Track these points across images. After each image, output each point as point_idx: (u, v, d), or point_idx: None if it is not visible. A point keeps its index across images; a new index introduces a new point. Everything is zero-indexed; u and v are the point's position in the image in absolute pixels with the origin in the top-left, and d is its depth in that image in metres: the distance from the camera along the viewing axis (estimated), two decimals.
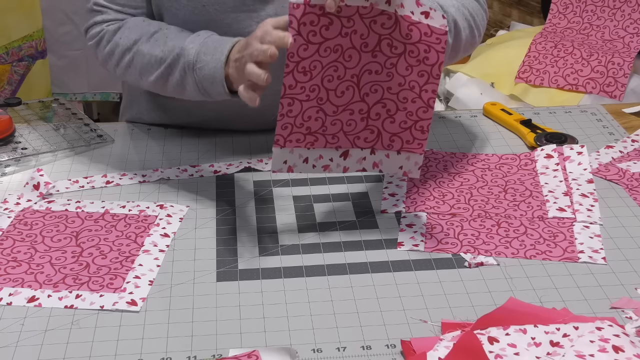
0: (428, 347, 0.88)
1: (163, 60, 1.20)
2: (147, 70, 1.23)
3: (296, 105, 1.03)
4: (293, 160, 1.07)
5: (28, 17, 2.37)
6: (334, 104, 1.05)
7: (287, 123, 1.03)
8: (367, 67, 1.04)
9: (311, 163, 1.08)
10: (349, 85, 1.04)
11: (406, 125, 1.06)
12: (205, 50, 1.15)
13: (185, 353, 0.90)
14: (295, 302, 0.98)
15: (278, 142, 1.05)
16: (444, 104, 2.31)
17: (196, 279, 1.03)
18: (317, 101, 1.04)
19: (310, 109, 1.04)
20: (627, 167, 1.28)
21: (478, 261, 1.05)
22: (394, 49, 1.03)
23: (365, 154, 1.09)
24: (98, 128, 1.41)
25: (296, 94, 1.02)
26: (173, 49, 1.19)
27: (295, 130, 1.04)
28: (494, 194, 1.21)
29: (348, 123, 1.06)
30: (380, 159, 1.09)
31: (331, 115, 1.05)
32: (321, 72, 1.02)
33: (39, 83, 2.48)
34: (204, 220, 1.15)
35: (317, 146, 1.07)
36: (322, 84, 1.03)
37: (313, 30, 1.00)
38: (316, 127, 1.05)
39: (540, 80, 2.16)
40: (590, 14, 2.29)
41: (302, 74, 1.01)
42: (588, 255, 1.06)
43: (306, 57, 1.00)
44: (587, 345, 0.85)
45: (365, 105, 1.06)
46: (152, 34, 1.23)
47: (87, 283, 1.01)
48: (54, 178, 1.25)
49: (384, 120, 1.06)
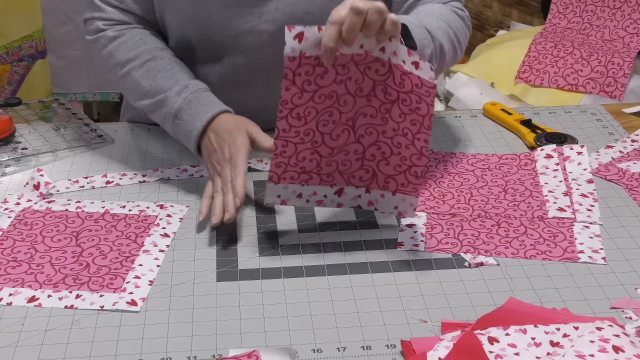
0: (428, 347, 0.88)
1: (149, 95, 1.24)
2: (134, 95, 1.27)
3: (290, 147, 1.04)
4: (287, 195, 1.07)
5: (28, 17, 2.37)
6: (329, 146, 1.05)
7: (281, 162, 1.04)
8: (362, 110, 1.04)
9: (305, 198, 1.08)
10: (344, 129, 1.05)
11: (400, 169, 1.05)
12: (188, 109, 1.21)
13: (185, 353, 0.90)
14: (295, 302, 0.98)
15: (272, 179, 1.05)
16: (444, 104, 2.31)
17: (196, 279, 1.03)
18: (312, 144, 1.05)
19: (305, 151, 1.04)
20: (627, 167, 1.28)
21: (478, 261, 1.05)
22: (388, 95, 1.03)
23: (360, 192, 1.08)
24: (98, 128, 1.41)
25: (290, 137, 1.03)
26: (159, 91, 1.23)
27: (290, 169, 1.05)
28: (493, 194, 1.21)
29: (343, 163, 1.06)
30: (376, 198, 1.08)
31: (326, 156, 1.06)
32: (316, 117, 1.03)
33: (39, 83, 2.48)
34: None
35: (312, 183, 1.08)
36: (317, 128, 1.03)
37: (308, 80, 1.00)
38: (311, 167, 1.06)
39: (540, 80, 2.16)
40: (590, 14, 2.29)
41: (296, 119, 1.02)
42: (588, 255, 1.07)
43: (300, 104, 1.01)
44: (587, 345, 0.85)
45: (361, 147, 1.06)
46: (145, 61, 1.25)
47: (87, 283, 1.01)
48: (54, 178, 1.25)
49: (379, 162, 1.06)
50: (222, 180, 1.14)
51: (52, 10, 2.52)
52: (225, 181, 1.13)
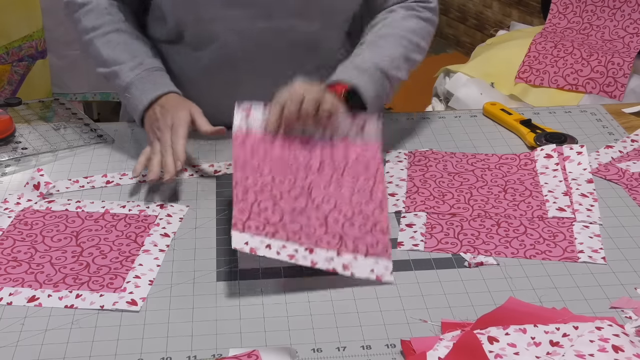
0: (428, 347, 0.88)
1: (106, 64, 1.32)
2: (95, 62, 1.35)
3: (250, 194, 1.05)
4: (255, 244, 1.00)
5: (28, 17, 2.37)
6: (290, 205, 1.05)
7: (243, 208, 1.03)
8: (315, 183, 1.07)
9: (275, 249, 1.00)
10: (301, 193, 1.07)
11: (366, 228, 1.04)
12: (138, 85, 1.29)
13: (185, 353, 0.90)
14: (295, 302, 0.98)
15: (236, 226, 1.00)
16: (444, 104, 2.31)
17: (196, 279, 1.03)
18: (272, 196, 1.05)
19: (266, 201, 1.05)
20: (626, 167, 1.28)
21: (478, 261, 1.05)
22: (337, 166, 1.09)
23: (332, 255, 1.02)
24: (98, 128, 1.41)
25: (249, 184, 1.06)
26: (115, 63, 1.31)
27: (254, 217, 1.02)
28: (493, 193, 1.21)
29: (307, 226, 1.04)
30: (349, 261, 1.01)
31: (289, 212, 1.04)
32: (270, 173, 1.08)
33: (39, 83, 2.48)
34: (204, 220, 1.15)
35: (279, 238, 1.02)
36: (274, 181, 1.07)
37: (257, 146, 1.09)
38: (275, 220, 1.03)
39: (540, 80, 2.16)
40: (590, 14, 2.29)
41: (250, 170, 1.07)
42: (588, 255, 1.07)
43: (253, 161, 1.08)
44: (586, 345, 0.85)
45: (321, 213, 1.05)
46: (107, 32, 1.33)
47: (87, 283, 1.01)
48: (54, 178, 1.25)
49: (343, 225, 1.04)
50: (162, 144, 1.21)
51: (52, 10, 2.52)
52: (165, 144, 1.20)
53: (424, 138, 1.39)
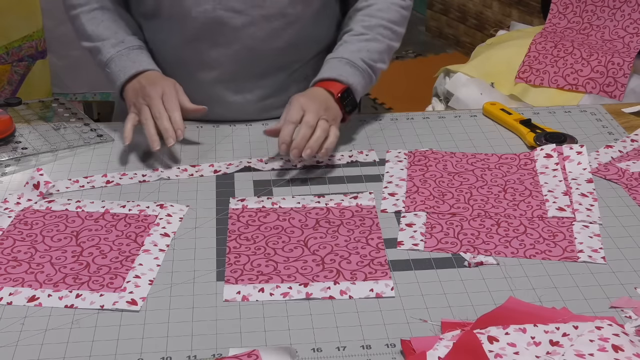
0: (428, 347, 0.88)
1: (90, 39, 1.39)
2: (79, 36, 1.41)
3: (243, 257, 1.06)
4: (247, 291, 1.00)
5: (28, 17, 2.37)
6: (284, 257, 1.06)
7: (236, 269, 1.04)
8: (311, 236, 1.10)
9: (268, 292, 1.00)
10: (296, 246, 1.08)
11: (363, 264, 1.04)
12: (118, 61, 1.35)
13: (185, 353, 0.90)
14: (295, 302, 0.98)
15: (229, 281, 1.01)
16: (444, 104, 2.30)
17: (196, 279, 1.03)
18: (265, 255, 1.06)
19: (259, 260, 1.05)
20: (626, 167, 1.28)
21: (478, 261, 1.05)
22: (333, 224, 1.13)
23: (329, 284, 1.01)
24: (98, 128, 1.41)
25: (242, 251, 1.07)
26: (98, 38, 1.38)
27: (246, 273, 1.03)
28: (493, 193, 1.21)
29: (303, 268, 1.04)
30: (347, 287, 1.00)
31: (282, 262, 1.05)
32: (264, 239, 1.09)
33: (39, 83, 2.47)
34: (204, 220, 1.15)
35: (273, 282, 1.01)
36: (267, 245, 1.08)
37: (252, 219, 1.14)
38: (268, 271, 1.03)
39: (540, 80, 2.16)
40: (590, 14, 2.29)
41: (245, 241, 1.09)
42: (587, 255, 1.07)
43: (247, 232, 1.11)
44: (586, 345, 0.85)
45: (318, 257, 1.06)
46: (93, 9, 1.39)
47: (87, 282, 1.01)
48: (54, 178, 1.25)
49: (340, 262, 1.05)
50: (155, 110, 1.26)
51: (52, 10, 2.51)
52: (160, 111, 1.25)
53: (424, 138, 1.39)
